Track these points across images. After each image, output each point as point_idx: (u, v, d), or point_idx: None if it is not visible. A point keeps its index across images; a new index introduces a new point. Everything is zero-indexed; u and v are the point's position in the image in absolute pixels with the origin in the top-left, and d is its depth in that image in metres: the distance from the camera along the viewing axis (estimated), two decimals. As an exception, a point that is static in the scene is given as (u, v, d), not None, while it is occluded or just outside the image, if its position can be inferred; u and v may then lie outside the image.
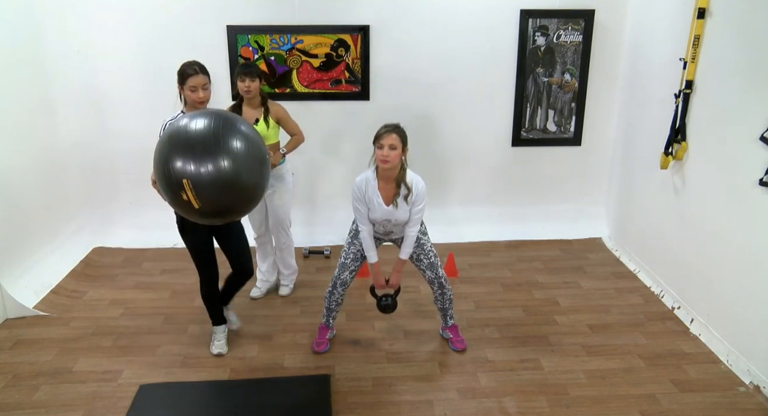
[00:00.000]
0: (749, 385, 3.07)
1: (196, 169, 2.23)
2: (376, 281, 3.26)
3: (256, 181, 2.42)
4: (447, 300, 3.37)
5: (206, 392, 3.06)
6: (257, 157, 2.43)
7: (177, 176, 2.24)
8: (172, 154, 2.28)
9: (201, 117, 2.37)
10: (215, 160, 2.24)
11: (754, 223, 3.09)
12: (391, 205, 3.06)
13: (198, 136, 2.29)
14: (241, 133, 2.37)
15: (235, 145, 2.31)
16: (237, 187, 2.33)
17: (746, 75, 3.15)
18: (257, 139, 2.48)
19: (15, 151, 3.92)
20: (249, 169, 2.36)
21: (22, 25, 4.08)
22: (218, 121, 2.35)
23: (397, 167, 3.02)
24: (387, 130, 2.97)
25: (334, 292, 3.31)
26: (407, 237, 3.17)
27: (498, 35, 4.60)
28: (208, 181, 2.24)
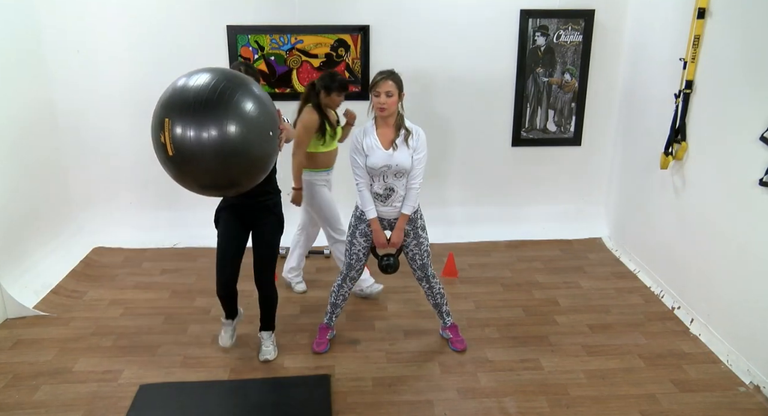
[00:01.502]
0: (749, 385, 3.07)
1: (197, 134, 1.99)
2: (377, 239, 3.18)
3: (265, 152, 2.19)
4: (437, 294, 3.36)
5: (206, 392, 3.05)
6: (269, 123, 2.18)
7: (161, 114, 2.07)
8: (169, 106, 2.07)
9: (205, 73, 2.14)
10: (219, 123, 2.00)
11: (754, 223, 3.09)
12: (390, 149, 3.04)
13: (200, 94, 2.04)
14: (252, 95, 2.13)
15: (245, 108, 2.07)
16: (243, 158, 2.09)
17: (746, 75, 3.15)
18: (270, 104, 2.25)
19: (15, 151, 3.92)
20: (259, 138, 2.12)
21: (22, 25, 4.08)
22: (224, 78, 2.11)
23: (394, 114, 3.03)
24: (383, 77, 2.96)
25: (344, 286, 3.31)
26: (410, 190, 3.10)
27: (498, 35, 4.60)
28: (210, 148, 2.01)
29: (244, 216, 3.07)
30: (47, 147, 4.36)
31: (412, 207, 3.13)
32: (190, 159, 2.06)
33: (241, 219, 3.08)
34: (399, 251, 3.28)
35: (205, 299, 3.96)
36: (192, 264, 4.50)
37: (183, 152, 2.04)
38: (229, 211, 3.09)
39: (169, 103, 2.09)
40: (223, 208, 3.11)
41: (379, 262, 3.25)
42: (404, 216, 3.14)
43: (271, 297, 3.26)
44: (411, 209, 3.13)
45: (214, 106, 2.02)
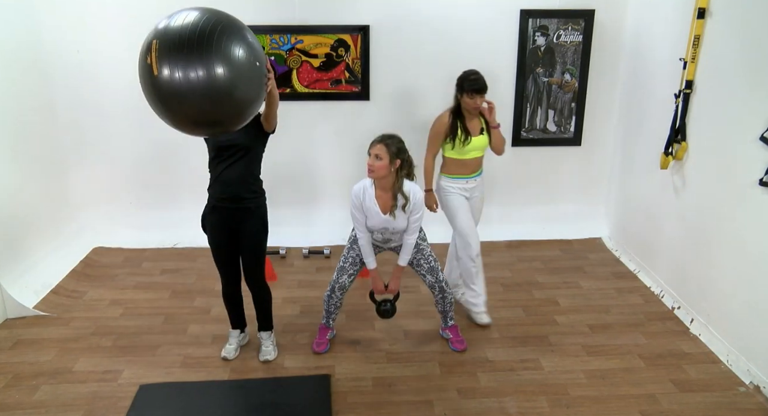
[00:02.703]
0: (749, 385, 3.07)
1: (185, 74, 1.99)
2: (376, 286, 3.27)
3: (252, 97, 2.20)
4: (447, 303, 3.37)
5: (206, 392, 3.05)
6: (256, 70, 2.19)
7: (150, 38, 2.09)
8: (160, 33, 2.08)
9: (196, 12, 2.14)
10: (208, 64, 2.01)
11: (754, 223, 3.09)
12: (388, 214, 3.06)
13: (192, 30, 2.05)
14: (243, 39, 2.14)
15: (234, 52, 2.07)
16: (230, 100, 2.10)
17: (746, 75, 3.15)
18: (260, 51, 2.26)
19: (15, 151, 3.92)
20: (247, 82, 2.13)
21: (22, 25, 4.08)
22: (217, 20, 2.11)
23: (386, 177, 3.01)
24: (376, 140, 3.00)
25: (333, 296, 3.31)
26: (405, 245, 3.18)
27: (498, 35, 4.60)
28: (199, 88, 2.02)
29: (229, 220, 3.07)
30: (47, 147, 4.36)
31: (406, 260, 3.21)
32: (174, 91, 2.06)
33: (227, 223, 3.08)
34: (396, 297, 3.33)
35: (205, 299, 3.96)
36: (192, 264, 4.50)
37: (169, 84, 2.04)
38: (213, 216, 3.10)
39: (160, 31, 2.10)
40: (208, 212, 3.12)
41: (377, 308, 3.31)
42: (399, 267, 3.24)
43: (263, 297, 3.28)
44: (406, 261, 3.22)
45: (203, 45, 2.04)
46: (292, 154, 4.78)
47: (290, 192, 4.87)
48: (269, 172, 4.72)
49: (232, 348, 3.33)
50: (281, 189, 4.82)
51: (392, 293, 3.31)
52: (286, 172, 4.81)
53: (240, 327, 3.39)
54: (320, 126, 4.76)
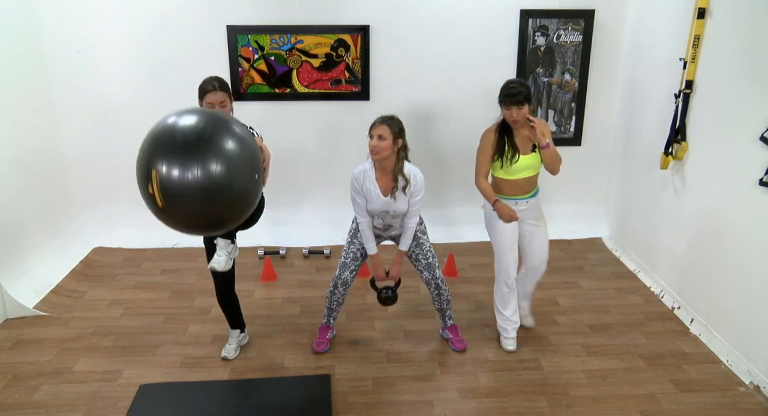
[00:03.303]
0: (749, 385, 3.07)
1: (182, 174, 2.03)
2: (376, 273, 3.25)
3: (248, 189, 2.23)
4: (444, 300, 3.37)
5: (206, 392, 3.06)
6: (251, 162, 2.23)
7: (148, 165, 2.10)
8: (154, 151, 2.11)
9: (191, 114, 2.19)
10: (204, 162, 2.04)
11: (754, 223, 3.09)
12: (389, 196, 3.06)
13: (185, 136, 2.08)
14: (233, 134, 2.17)
15: (227, 147, 2.11)
16: (227, 195, 2.14)
17: (746, 75, 3.15)
18: (251, 142, 2.29)
19: (15, 151, 3.92)
20: (242, 175, 2.17)
21: (22, 25, 4.08)
22: (209, 120, 2.14)
23: (389, 158, 3.03)
24: (377, 121, 3.01)
25: (335, 292, 3.31)
26: (406, 229, 3.16)
27: (498, 35, 4.60)
28: (196, 187, 2.06)
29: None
30: (47, 147, 4.36)
31: (408, 244, 3.20)
32: (177, 203, 2.13)
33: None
34: (397, 284, 3.32)
35: (205, 299, 3.96)
36: (192, 264, 4.50)
37: (170, 198, 2.11)
38: None
39: (154, 148, 2.13)
40: None
41: (378, 295, 3.30)
42: (401, 253, 3.23)
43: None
44: (407, 246, 3.21)
45: (197, 148, 2.07)
46: (292, 154, 4.78)
47: (290, 192, 4.87)
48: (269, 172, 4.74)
49: (231, 348, 3.34)
50: (281, 189, 4.82)
51: (393, 280, 3.29)
52: (286, 172, 4.81)
53: (239, 327, 3.39)
54: (320, 126, 4.75)
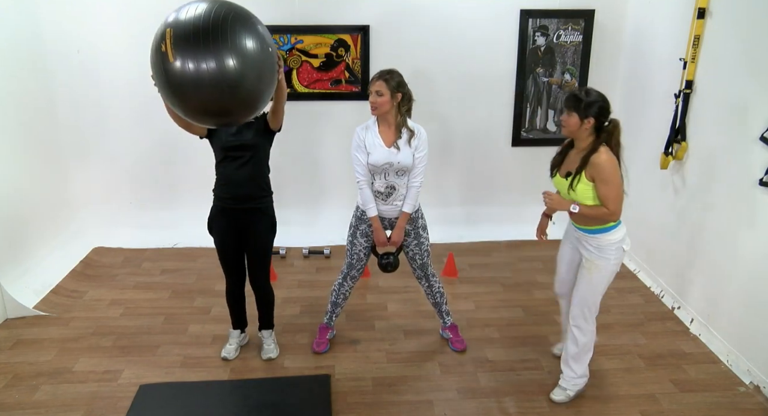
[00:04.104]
0: (749, 385, 3.07)
1: (195, 63, 1.99)
2: (377, 237, 3.18)
3: (262, 89, 2.18)
4: (437, 293, 3.36)
5: (206, 392, 3.05)
6: (268, 60, 2.18)
7: (163, 27, 2.11)
8: (173, 23, 2.09)
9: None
10: (219, 55, 2.00)
11: (754, 223, 3.09)
12: (392, 147, 3.04)
13: (203, 22, 2.05)
14: (254, 29, 2.13)
15: (244, 43, 2.06)
16: (240, 91, 2.09)
17: (746, 75, 3.15)
18: (270, 40, 2.25)
19: (15, 151, 3.92)
20: (258, 73, 2.12)
21: (22, 25, 4.07)
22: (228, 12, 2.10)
23: (390, 113, 3.03)
24: (374, 77, 3.02)
25: (344, 284, 3.32)
26: (411, 189, 3.11)
27: (498, 35, 4.60)
28: (210, 78, 2.01)
29: (237, 221, 3.07)
30: (47, 146, 4.36)
31: (412, 205, 3.13)
32: (187, 80, 2.06)
33: (235, 225, 3.08)
34: (399, 250, 3.27)
35: (205, 299, 3.96)
36: (192, 264, 4.50)
37: (182, 73, 2.04)
38: (222, 219, 3.10)
39: (172, 21, 2.12)
40: (216, 214, 3.12)
41: (379, 261, 3.25)
42: (405, 214, 3.14)
43: (268, 297, 3.29)
44: (412, 207, 3.13)
45: (215, 35, 2.03)
46: (291, 154, 4.78)
47: (290, 192, 4.87)
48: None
49: (232, 348, 3.33)
50: (281, 189, 4.80)
51: (395, 245, 3.23)
52: (285, 172, 4.81)
53: (241, 327, 3.39)
54: (320, 126, 4.75)
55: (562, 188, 2.80)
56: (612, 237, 2.74)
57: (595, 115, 2.62)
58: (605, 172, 2.58)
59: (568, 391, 2.96)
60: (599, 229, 2.74)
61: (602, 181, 2.60)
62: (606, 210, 2.64)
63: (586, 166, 2.63)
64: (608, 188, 2.59)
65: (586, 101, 2.62)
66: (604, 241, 2.75)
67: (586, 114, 2.62)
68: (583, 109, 2.62)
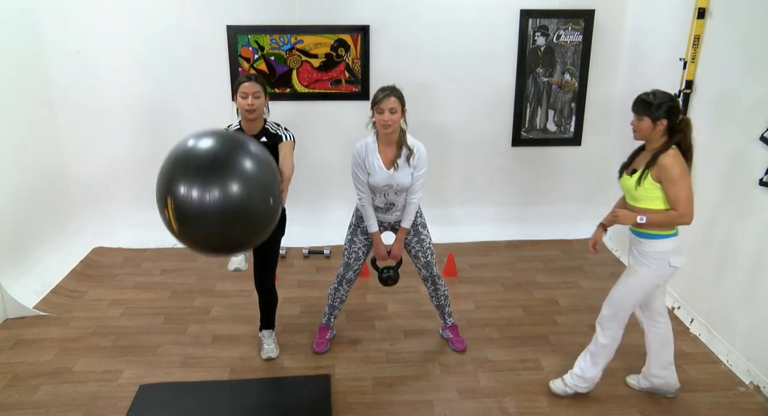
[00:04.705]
0: (749, 385, 3.07)
1: (200, 195, 2.07)
2: (378, 252, 3.19)
3: (264, 212, 2.25)
4: (441, 296, 3.36)
5: (206, 392, 3.06)
6: (267, 184, 2.25)
7: (163, 191, 2.16)
8: (171, 176, 2.16)
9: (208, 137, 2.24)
10: (222, 185, 2.07)
11: (754, 223, 3.09)
12: (392, 168, 3.02)
13: (203, 159, 2.14)
14: (250, 154, 2.20)
15: (244, 167, 2.13)
16: (245, 217, 2.15)
17: (746, 75, 3.15)
18: (269, 161, 2.31)
19: (15, 151, 3.92)
20: (258, 198, 2.19)
21: (22, 25, 4.08)
22: (226, 143, 2.19)
23: (398, 130, 2.99)
24: (385, 94, 2.91)
25: (340, 289, 3.31)
26: (409, 205, 3.12)
27: (498, 35, 4.60)
28: (213, 209, 2.08)
29: None
30: (47, 147, 4.36)
31: (410, 220, 3.16)
32: (194, 228, 2.17)
33: None
34: (399, 264, 3.30)
35: (205, 299, 3.96)
36: (192, 264, 4.50)
37: (186, 223, 2.14)
38: None
39: (171, 173, 2.18)
40: None
41: (379, 275, 3.27)
42: (403, 229, 3.18)
43: (272, 298, 3.30)
44: (410, 222, 3.16)
45: (214, 172, 2.11)
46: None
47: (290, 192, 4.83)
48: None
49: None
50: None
51: (395, 259, 3.24)
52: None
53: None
54: (320, 126, 4.75)
55: (628, 187, 2.71)
56: (659, 246, 2.65)
57: (666, 116, 2.56)
58: (672, 172, 2.52)
59: (567, 388, 2.98)
60: (648, 234, 2.66)
61: (670, 182, 2.53)
62: (675, 213, 2.55)
63: (653, 164, 2.57)
64: (676, 189, 2.52)
65: (655, 103, 2.57)
66: (649, 248, 2.67)
67: (657, 116, 2.56)
68: (653, 112, 2.57)
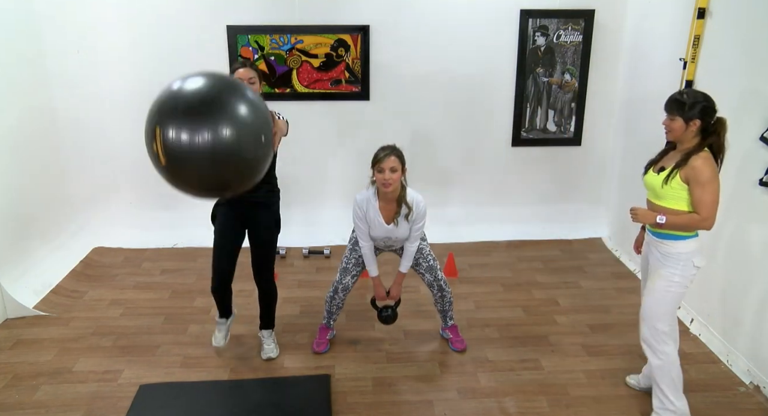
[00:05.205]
0: (749, 385, 3.07)
1: (190, 139, 1.98)
2: (377, 293, 3.27)
3: (258, 156, 2.18)
4: (447, 302, 3.37)
5: (206, 392, 3.05)
6: (261, 126, 2.17)
7: (152, 122, 2.07)
8: (162, 111, 2.07)
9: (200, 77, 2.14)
10: (214, 126, 2.00)
11: (754, 223, 3.09)
12: (391, 224, 3.08)
13: (195, 98, 2.05)
14: (245, 98, 2.13)
15: (239, 111, 2.07)
16: (236, 160, 2.09)
17: (746, 75, 3.15)
18: (263, 107, 2.26)
19: (15, 151, 3.92)
20: (251, 141, 2.12)
21: (22, 25, 4.08)
22: (220, 83, 2.12)
23: (398, 189, 3.03)
24: (386, 154, 2.94)
25: (335, 297, 3.32)
26: (407, 252, 3.19)
27: (498, 35, 4.60)
28: (203, 153, 2.01)
29: (242, 213, 3.08)
30: (47, 147, 4.36)
31: (407, 266, 3.23)
32: (183, 165, 2.07)
33: (239, 216, 3.09)
34: (397, 303, 3.33)
35: (205, 299, 3.96)
36: (192, 264, 4.50)
37: (176, 158, 2.05)
38: (226, 207, 3.10)
39: (161, 109, 2.09)
40: (221, 203, 3.12)
41: (379, 314, 3.31)
42: (401, 274, 3.25)
43: (272, 295, 3.28)
44: (407, 268, 3.23)
45: (206, 111, 2.04)
46: (291, 154, 4.78)
47: (290, 192, 4.85)
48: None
49: (221, 336, 3.31)
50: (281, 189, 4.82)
51: (393, 300, 3.31)
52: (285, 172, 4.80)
53: (227, 315, 3.33)
54: (320, 126, 4.75)
55: (653, 185, 2.64)
56: (682, 246, 2.57)
57: (699, 116, 2.47)
58: (702, 174, 2.44)
59: None
60: (670, 235, 2.59)
61: (698, 184, 2.45)
62: (697, 217, 2.48)
63: (683, 165, 2.49)
64: (704, 191, 2.44)
65: (689, 103, 2.47)
66: (672, 249, 2.59)
67: (690, 116, 2.47)
68: (686, 112, 2.47)
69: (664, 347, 2.67)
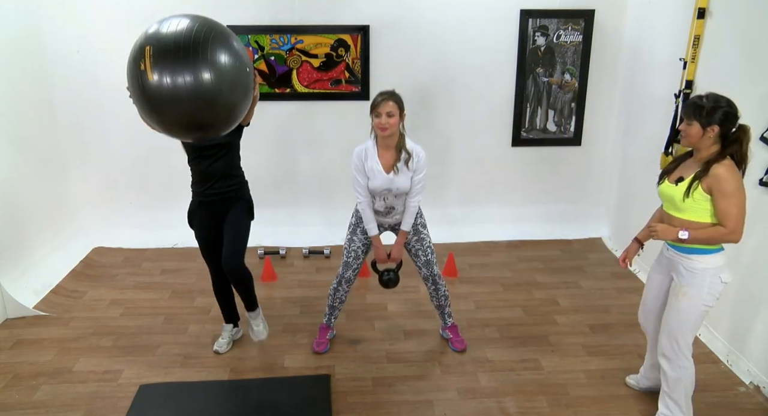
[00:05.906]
0: (749, 385, 3.07)
1: (172, 77, 2.02)
2: (378, 255, 3.21)
3: (235, 101, 2.19)
4: (442, 296, 3.37)
5: (206, 392, 3.06)
6: (244, 75, 2.21)
7: (142, 44, 2.13)
8: (151, 39, 2.13)
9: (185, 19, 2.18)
10: (196, 70, 2.03)
11: (754, 223, 3.09)
12: (391, 172, 3.04)
13: (182, 32, 2.09)
14: (230, 46, 2.17)
15: (221, 58, 2.10)
16: (216, 105, 2.11)
17: (746, 75, 3.15)
18: (246, 58, 2.28)
19: (15, 151, 3.92)
20: (232, 87, 2.15)
21: (22, 25, 4.08)
22: (205, 27, 2.15)
23: (396, 134, 3.02)
24: (384, 98, 2.96)
25: (339, 289, 3.31)
26: (408, 208, 3.14)
27: (498, 35, 4.60)
28: (184, 91, 2.04)
29: (216, 211, 3.11)
30: (47, 147, 4.36)
31: (410, 223, 3.18)
32: (165, 96, 2.08)
33: (214, 214, 3.12)
34: (399, 266, 3.31)
35: (205, 299, 3.96)
36: (192, 264, 4.50)
37: (159, 89, 2.06)
38: (201, 211, 3.14)
39: (151, 37, 2.17)
40: (195, 208, 3.16)
41: (380, 277, 3.29)
42: (403, 233, 3.20)
43: (244, 279, 3.14)
44: (409, 225, 3.18)
45: (192, 52, 2.08)
46: (291, 154, 4.79)
47: (290, 192, 4.87)
48: (269, 172, 4.75)
49: (224, 342, 3.36)
50: (281, 189, 4.83)
51: (395, 262, 3.26)
52: (286, 172, 4.82)
53: (233, 321, 3.41)
54: (320, 126, 4.75)
55: (673, 197, 2.47)
56: (709, 261, 2.44)
57: (719, 123, 2.33)
58: (727, 185, 2.30)
59: None
60: (695, 249, 2.45)
61: (722, 195, 2.32)
62: (723, 230, 2.35)
63: (704, 175, 2.34)
64: (729, 203, 2.31)
65: (709, 107, 2.34)
66: (698, 264, 2.46)
67: (709, 121, 2.34)
68: (705, 117, 2.34)
69: (684, 361, 2.60)
